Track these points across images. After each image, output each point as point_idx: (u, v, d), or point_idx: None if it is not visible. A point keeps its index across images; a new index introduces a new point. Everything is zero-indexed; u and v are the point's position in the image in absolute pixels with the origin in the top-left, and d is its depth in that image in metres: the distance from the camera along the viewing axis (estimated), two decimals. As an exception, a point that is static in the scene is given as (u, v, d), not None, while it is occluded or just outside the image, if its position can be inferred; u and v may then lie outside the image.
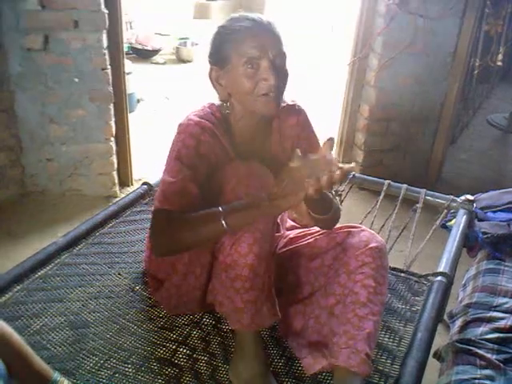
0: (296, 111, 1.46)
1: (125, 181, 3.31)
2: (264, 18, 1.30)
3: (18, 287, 1.49)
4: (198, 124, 1.32)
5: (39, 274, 1.56)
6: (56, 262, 1.62)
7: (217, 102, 1.40)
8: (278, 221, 1.51)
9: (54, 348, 1.34)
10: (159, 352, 1.38)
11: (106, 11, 2.79)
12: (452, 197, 2.01)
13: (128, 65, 3.89)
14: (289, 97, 1.43)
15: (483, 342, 1.56)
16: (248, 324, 1.26)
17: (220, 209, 1.20)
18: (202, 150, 1.31)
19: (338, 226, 1.48)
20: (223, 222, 1.18)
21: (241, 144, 1.40)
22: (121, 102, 3.08)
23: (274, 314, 1.31)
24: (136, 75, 4.70)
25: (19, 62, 2.80)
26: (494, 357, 1.49)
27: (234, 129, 1.39)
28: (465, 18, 3.18)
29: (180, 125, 1.35)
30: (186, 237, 1.24)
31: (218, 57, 1.32)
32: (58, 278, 1.57)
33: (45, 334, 1.38)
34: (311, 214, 1.36)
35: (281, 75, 1.28)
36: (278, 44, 1.29)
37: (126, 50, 3.87)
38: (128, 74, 3.60)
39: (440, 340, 1.75)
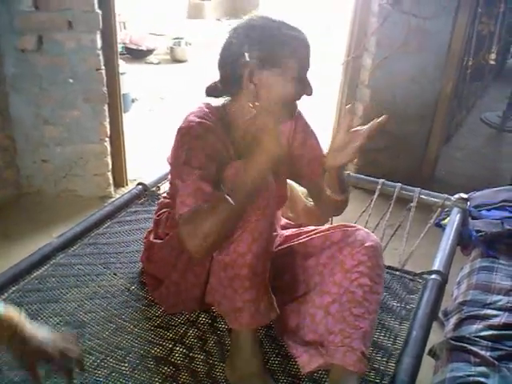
0: None
1: (120, 181, 3.30)
2: (299, 29, 1.33)
3: (14, 288, 1.50)
4: (200, 124, 1.31)
5: (34, 274, 1.57)
6: (51, 262, 1.62)
7: (212, 102, 1.40)
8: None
9: (49, 348, 1.34)
10: (156, 351, 1.38)
11: (99, 12, 2.79)
12: (446, 195, 2.01)
13: (122, 65, 3.88)
14: None
15: (477, 339, 1.56)
16: (247, 323, 1.26)
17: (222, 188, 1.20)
18: (208, 150, 1.30)
19: (332, 225, 1.49)
20: (229, 199, 1.16)
21: (239, 142, 1.40)
22: (115, 103, 3.07)
23: (272, 311, 1.31)
24: (130, 75, 4.69)
25: (13, 63, 2.79)
26: (488, 354, 1.50)
27: (232, 127, 1.39)
28: (458, 17, 3.19)
29: (181, 128, 1.33)
30: (210, 229, 1.17)
31: (266, 57, 1.27)
32: (54, 279, 1.57)
33: (41, 335, 1.38)
34: (330, 194, 1.39)
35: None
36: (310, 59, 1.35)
37: (120, 50, 3.87)
38: (122, 74, 3.59)
39: (435, 338, 1.75)
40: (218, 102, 1.40)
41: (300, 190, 1.90)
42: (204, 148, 1.29)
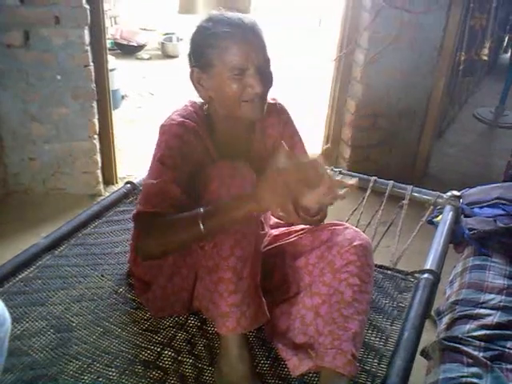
0: (277, 110, 1.44)
1: (109, 179, 3.27)
2: (247, 21, 1.27)
3: (-2, 291, 1.46)
4: (181, 124, 1.30)
5: (20, 276, 1.53)
6: (37, 264, 1.59)
7: (199, 100, 1.38)
8: (262, 219, 1.49)
9: (35, 354, 1.31)
10: (143, 355, 1.35)
11: (87, 7, 2.74)
12: (438, 193, 2.00)
13: (112, 61, 3.84)
14: (270, 95, 1.40)
15: (470, 339, 1.55)
16: (234, 328, 1.24)
17: (201, 210, 1.17)
18: (186, 150, 1.28)
19: (322, 223, 1.46)
20: (201, 226, 1.15)
21: (223, 143, 1.38)
22: (104, 99, 3.03)
23: (261, 316, 1.28)
24: (121, 71, 4.64)
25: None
26: (481, 354, 1.49)
27: (216, 128, 1.37)
28: (450, 12, 3.17)
29: (162, 126, 1.32)
30: (169, 241, 1.19)
31: (201, 60, 1.28)
32: (40, 281, 1.54)
33: (26, 340, 1.34)
34: (301, 215, 1.31)
35: (266, 81, 1.27)
36: (263, 50, 1.27)
37: (110, 45, 3.82)
38: (112, 70, 3.56)
39: (427, 336, 1.74)
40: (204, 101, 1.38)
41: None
42: (181, 148, 1.28)
